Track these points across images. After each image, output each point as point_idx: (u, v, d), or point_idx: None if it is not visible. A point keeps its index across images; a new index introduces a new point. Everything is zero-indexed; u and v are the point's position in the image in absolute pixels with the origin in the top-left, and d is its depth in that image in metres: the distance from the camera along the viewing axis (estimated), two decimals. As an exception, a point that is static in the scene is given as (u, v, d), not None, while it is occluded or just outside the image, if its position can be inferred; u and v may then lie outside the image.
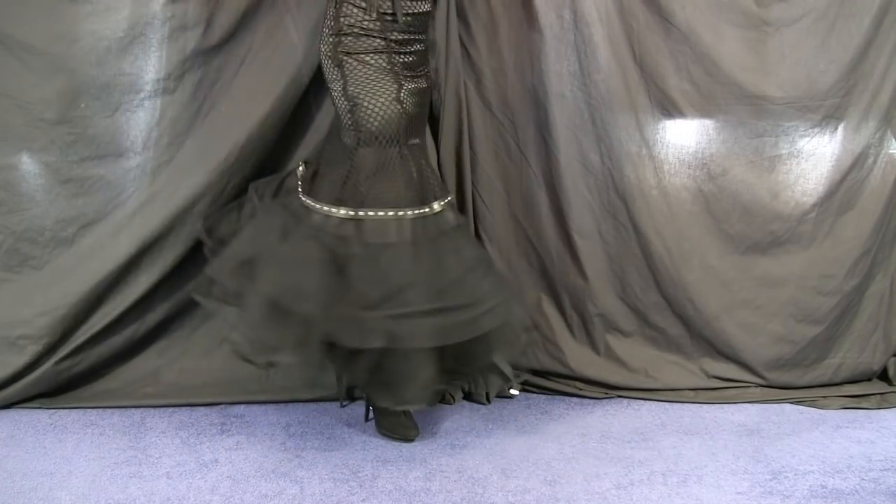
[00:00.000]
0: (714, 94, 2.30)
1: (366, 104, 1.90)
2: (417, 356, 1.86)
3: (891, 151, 2.39)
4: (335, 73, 1.93)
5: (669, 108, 2.33)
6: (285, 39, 2.19)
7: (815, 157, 2.36)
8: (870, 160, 2.38)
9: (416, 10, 1.94)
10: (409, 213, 1.91)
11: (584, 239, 2.37)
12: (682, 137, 2.36)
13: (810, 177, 2.37)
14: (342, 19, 1.90)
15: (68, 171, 2.22)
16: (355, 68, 1.91)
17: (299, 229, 1.92)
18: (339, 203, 1.90)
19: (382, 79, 1.91)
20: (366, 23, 1.89)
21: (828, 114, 2.33)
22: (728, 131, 2.35)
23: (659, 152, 2.36)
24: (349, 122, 1.93)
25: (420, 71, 2.00)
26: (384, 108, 1.90)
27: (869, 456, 2.06)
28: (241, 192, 2.21)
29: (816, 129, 2.35)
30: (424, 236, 1.92)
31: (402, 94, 1.92)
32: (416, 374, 1.87)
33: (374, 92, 1.90)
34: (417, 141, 2.01)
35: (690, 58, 2.28)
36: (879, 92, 2.34)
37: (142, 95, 2.19)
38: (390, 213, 1.89)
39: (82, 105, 2.19)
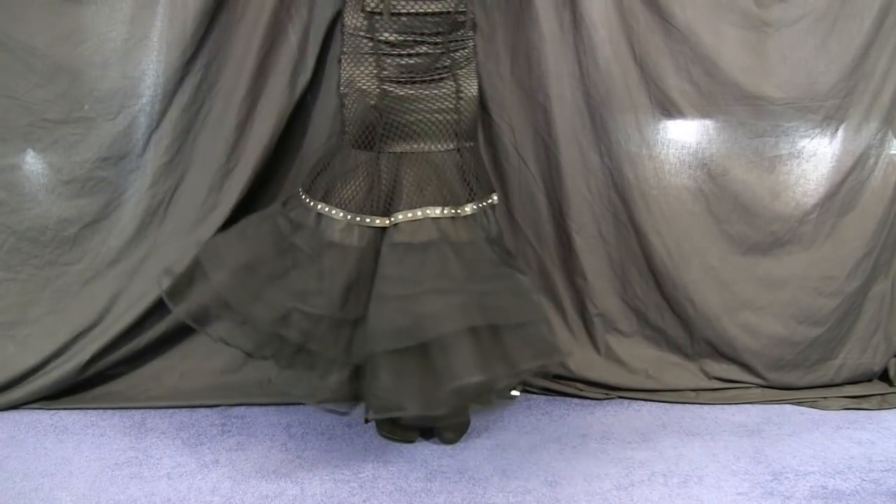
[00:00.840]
0: (714, 95, 2.30)
1: (347, 105, 1.90)
2: (446, 358, 1.73)
3: (892, 152, 2.39)
4: (338, 70, 1.95)
5: (669, 109, 2.33)
6: (285, 41, 2.19)
7: (815, 158, 2.36)
8: (871, 161, 2.38)
9: (417, 10, 1.84)
10: (366, 219, 1.87)
11: (584, 239, 2.37)
12: (683, 138, 2.36)
13: (811, 177, 2.37)
14: (344, 17, 1.91)
15: (70, 171, 2.22)
16: (345, 68, 1.89)
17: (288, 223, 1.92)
18: (310, 194, 1.92)
19: (365, 82, 1.86)
20: (357, 21, 1.85)
21: (828, 114, 2.33)
22: (728, 132, 2.35)
23: (659, 152, 2.36)
24: (339, 121, 1.97)
25: (432, 76, 1.90)
26: (358, 112, 1.88)
27: (869, 457, 2.06)
28: (239, 194, 2.22)
29: (817, 130, 2.35)
30: (392, 243, 1.85)
31: (383, 101, 1.86)
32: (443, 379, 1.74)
33: (354, 95, 1.87)
34: (426, 147, 1.92)
35: (690, 58, 2.27)
36: (880, 93, 2.33)
37: (143, 98, 2.19)
38: (346, 216, 1.87)
39: (86, 106, 2.20)
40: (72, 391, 2.25)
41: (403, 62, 1.87)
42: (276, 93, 2.21)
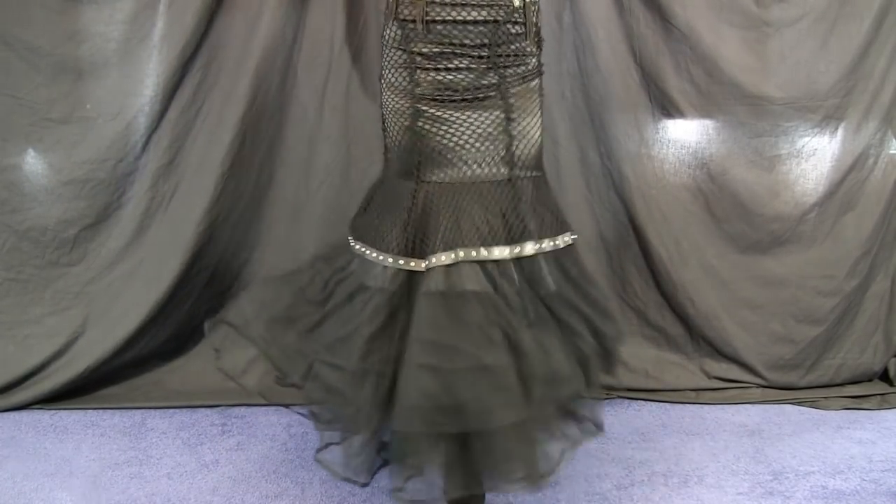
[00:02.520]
0: (714, 95, 2.31)
1: (386, 127, 1.67)
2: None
3: (891, 152, 2.39)
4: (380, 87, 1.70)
5: (669, 108, 2.33)
6: (284, 42, 2.19)
7: (815, 158, 2.36)
8: (870, 160, 2.38)
9: (456, 18, 1.57)
10: (400, 261, 1.58)
11: (585, 239, 2.38)
12: (682, 137, 2.36)
13: (810, 177, 2.37)
14: (383, 29, 1.67)
15: (70, 172, 2.22)
16: (383, 84, 1.67)
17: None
18: (354, 233, 1.69)
19: (398, 101, 1.62)
20: (392, 32, 1.62)
21: (828, 114, 2.33)
22: (728, 131, 2.35)
23: (659, 152, 2.36)
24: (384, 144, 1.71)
25: (475, 94, 1.60)
26: (395, 135, 1.63)
27: (870, 456, 2.06)
28: (237, 196, 2.22)
29: (816, 130, 2.35)
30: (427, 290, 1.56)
31: (418, 123, 1.59)
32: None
33: (391, 116, 1.64)
34: (471, 175, 1.59)
35: (690, 58, 2.28)
36: (880, 92, 2.34)
37: (143, 98, 2.20)
38: (380, 257, 1.60)
39: (88, 106, 2.20)
40: (72, 392, 2.25)
41: (440, 77, 1.60)
42: (276, 94, 2.21)
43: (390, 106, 1.64)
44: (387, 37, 1.63)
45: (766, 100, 2.31)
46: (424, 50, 1.59)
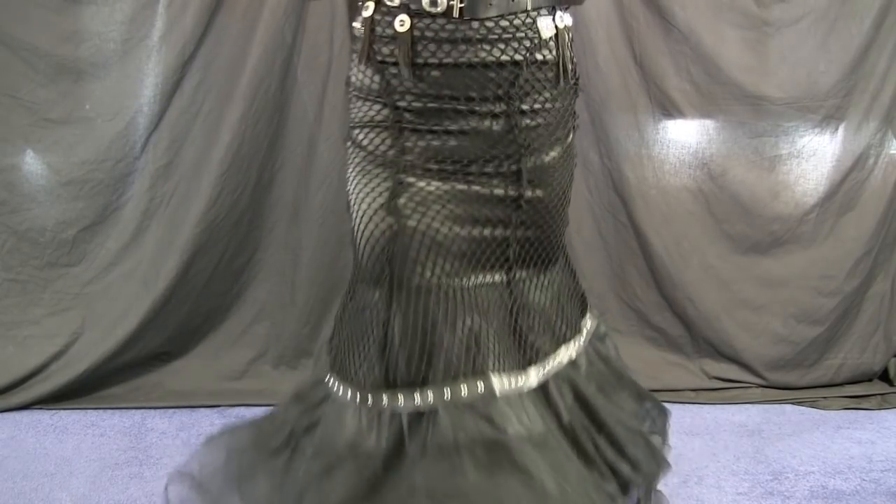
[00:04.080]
0: (714, 95, 2.30)
1: (353, 208, 1.20)
2: None
3: (892, 152, 2.39)
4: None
5: (669, 108, 2.32)
6: (283, 43, 2.19)
7: (815, 158, 2.36)
8: (871, 161, 2.38)
9: (459, 60, 1.14)
10: (382, 398, 1.15)
11: (584, 239, 2.37)
12: (682, 137, 2.36)
13: (811, 177, 2.37)
14: (349, 73, 1.25)
15: (69, 172, 2.22)
16: (352, 149, 1.22)
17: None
18: (330, 359, 1.29)
19: (374, 172, 1.18)
20: (364, 77, 1.20)
21: (828, 114, 2.33)
22: (728, 131, 2.35)
23: (659, 152, 2.36)
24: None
25: (484, 168, 1.18)
26: (364, 220, 1.18)
27: (870, 457, 2.06)
28: (237, 197, 2.22)
29: (817, 130, 2.35)
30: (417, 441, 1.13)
31: (399, 202, 1.15)
32: None
33: (360, 190, 1.19)
34: (471, 279, 1.19)
35: (690, 58, 2.27)
36: (880, 92, 2.33)
37: (142, 99, 2.20)
38: (354, 394, 1.18)
39: (87, 106, 2.20)
40: (72, 393, 2.25)
41: (437, 144, 1.17)
42: (275, 94, 2.21)
43: (361, 178, 1.19)
44: (358, 83, 1.21)
45: (766, 100, 2.31)
46: (415, 105, 1.16)
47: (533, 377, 1.23)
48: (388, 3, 1.16)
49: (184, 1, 2.13)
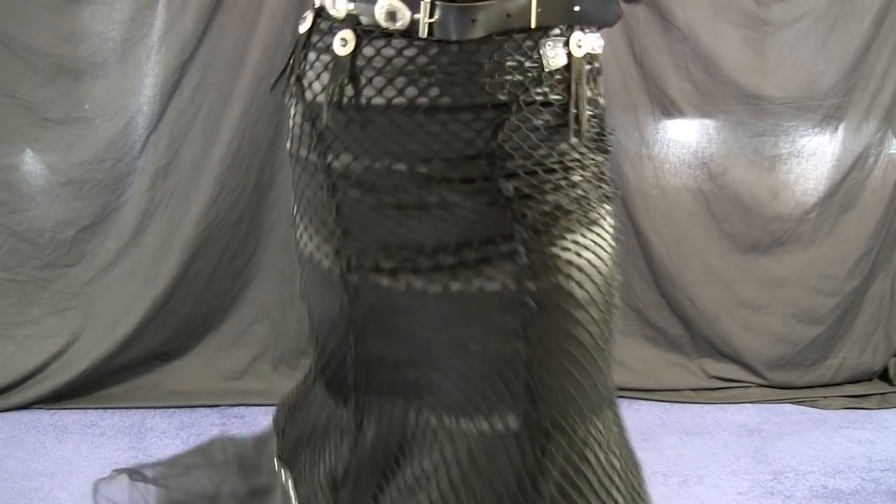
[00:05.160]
0: (714, 94, 2.30)
1: (306, 305, 0.96)
2: None
3: (892, 151, 2.39)
4: None
5: (669, 108, 2.32)
6: (283, 43, 2.19)
7: (815, 157, 2.36)
8: (871, 160, 2.38)
9: (416, 99, 0.79)
10: None
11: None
12: (682, 137, 2.36)
13: (811, 177, 2.37)
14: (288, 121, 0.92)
15: (68, 172, 2.22)
16: (296, 229, 0.93)
17: None
18: (282, 442, 1.05)
19: (319, 259, 0.89)
20: (295, 119, 0.89)
21: (828, 114, 2.33)
22: (728, 131, 2.35)
23: (659, 152, 2.36)
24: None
25: (460, 257, 0.81)
26: (320, 325, 0.94)
27: (870, 456, 2.06)
28: (236, 196, 2.21)
29: (817, 129, 2.34)
30: None
31: (356, 306, 0.86)
32: None
33: (310, 286, 0.94)
34: (449, 417, 0.85)
35: (690, 57, 2.27)
36: (880, 92, 2.33)
37: (142, 99, 2.19)
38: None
39: (86, 106, 2.20)
40: (72, 392, 2.25)
41: (394, 227, 0.82)
42: (275, 94, 2.21)
43: (307, 269, 0.91)
44: (291, 128, 0.89)
45: (766, 99, 2.30)
46: (354, 167, 0.81)
47: None
48: (331, 11, 0.81)
49: (183, 1, 2.13)
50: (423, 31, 0.77)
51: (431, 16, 0.76)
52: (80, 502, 1.79)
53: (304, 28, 0.86)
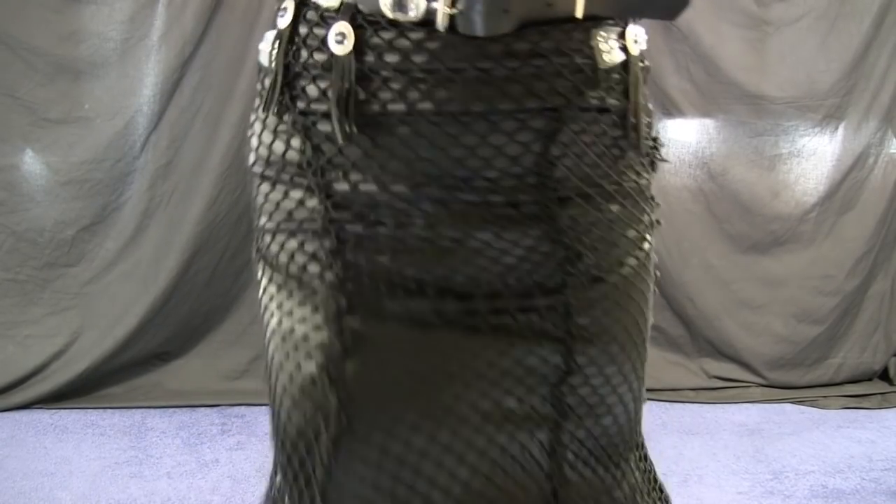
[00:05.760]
0: (714, 94, 2.30)
1: (269, 375, 0.72)
2: None
3: (892, 151, 2.39)
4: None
5: (669, 108, 2.32)
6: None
7: (815, 157, 2.36)
8: (871, 160, 2.38)
9: (442, 109, 0.63)
10: None
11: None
12: (683, 137, 2.36)
13: (811, 176, 2.37)
14: (250, 127, 0.73)
15: (68, 172, 2.22)
16: (262, 270, 0.73)
17: None
18: None
19: (298, 314, 0.68)
20: (274, 141, 0.69)
21: (828, 113, 2.33)
22: (728, 131, 2.35)
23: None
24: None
25: (485, 304, 0.67)
26: (287, 407, 0.70)
27: (870, 456, 2.06)
28: (236, 196, 2.21)
29: (817, 129, 2.34)
30: None
31: (346, 373, 0.67)
32: None
33: (277, 353, 0.71)
34: None
35: (690, 57, 2.27)
36: (880, 91, 2.33)
37: (142, 98, 2.19)
38: None
39: (86, 106, 2.20)
40: (72, 392, 2.25)
41: (404, 264, 0.67)
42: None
43: (277, 324, 0.69)
44: (264, 153, 0.70)
45: (766, 99, 2.30)
46: (365, 190, 0.65)
47: None
48: (320, 1, 0.65)
49: (183, 1, 2.13)
50: (441, 24, 0.62)
51: (453, 5, 0.61)
52: (80, 502, 1.79)
53: (284, 22, 0.69)
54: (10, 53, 2.14)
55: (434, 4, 0.61)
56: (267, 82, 0.68)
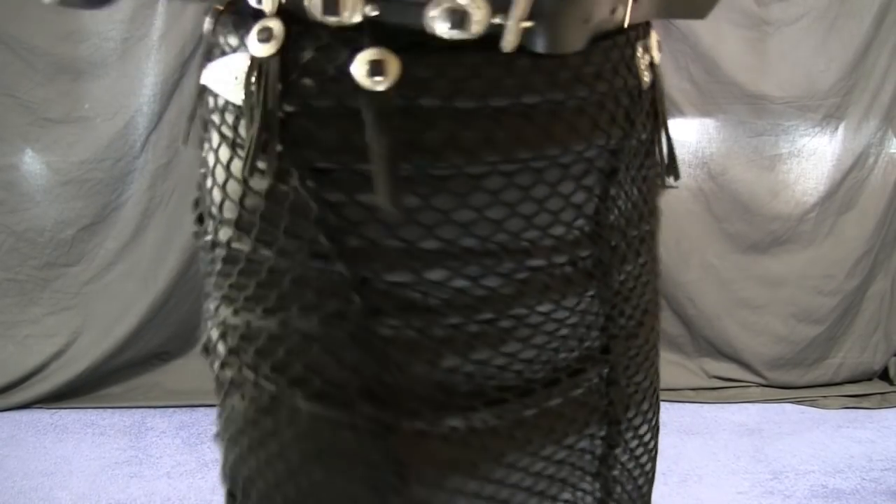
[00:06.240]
0: (714, 94, 2.30)
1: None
2: None
3: (892, 151, 2.39)
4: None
5: (669, 108, 2.31)
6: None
7: (815, 157, 2.36)
8: (871, 160, 2.38)
9: (496, 168, 0.48)
10: None
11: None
12: (682, 136, 2.36)
13: (811, 176, 2.37)
14: (202, 175, 0.60)
15: (68, 172, 2.22)
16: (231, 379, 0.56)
17: None
18: None
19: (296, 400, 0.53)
20: (247, 196, 0.54)
21: (828, 113, 2.33)
22: (728, 130, 2.35)
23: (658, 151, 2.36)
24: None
25: (542, 400, 0.56)
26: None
27: (869, 455, 2.06)
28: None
29: (817, 129, 2.34)
30: None
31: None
32: None
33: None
34: None
35: (690, 57, 2.27)
36: (880, 91, 2.33)
37: (142, 98, 2.19)
38: None
39: (86, 105, 2.20)
40: (72, 392, 2.25)
41: (457, 353, 0.52)
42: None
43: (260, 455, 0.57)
44: (228, 211, 0.57)
45: (766, 99, 2.30)
46: (402, 265, 0.50)
47: None
48: (332, 17, 0.47)
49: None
50: (510, 43, 0.46)
51: (531, 17, 0.45)
52: (80, 502, 1.79)
53: (264, 49, 0.50)
54: (10, 53, 2.14)
55: (493, 20, 0.45)
56: (241, 129, 0.50)
